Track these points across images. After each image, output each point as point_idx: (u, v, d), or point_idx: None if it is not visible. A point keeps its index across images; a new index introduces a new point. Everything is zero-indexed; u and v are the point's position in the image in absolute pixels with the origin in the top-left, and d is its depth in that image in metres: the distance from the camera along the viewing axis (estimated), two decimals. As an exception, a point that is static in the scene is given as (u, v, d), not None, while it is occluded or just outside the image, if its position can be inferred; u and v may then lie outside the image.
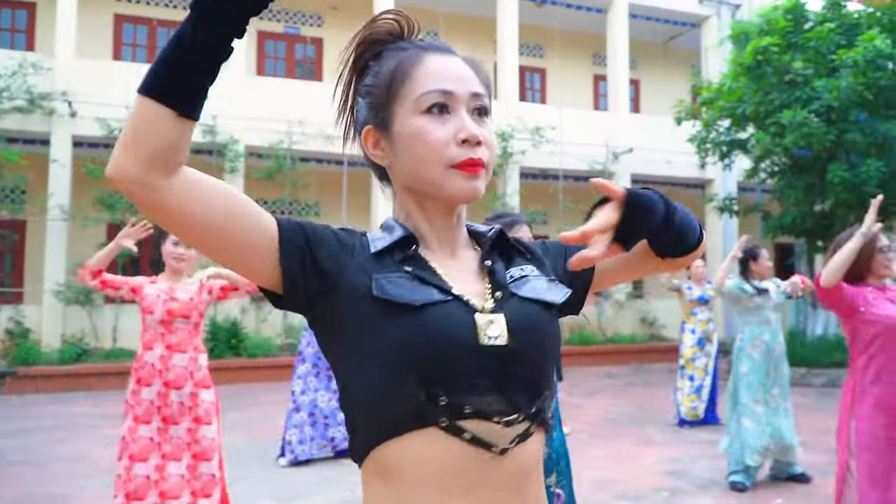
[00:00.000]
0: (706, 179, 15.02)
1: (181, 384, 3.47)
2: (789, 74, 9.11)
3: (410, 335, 0.89)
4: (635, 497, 4.77)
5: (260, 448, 6.07)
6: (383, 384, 0.90)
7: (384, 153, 1.02)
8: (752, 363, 5.03)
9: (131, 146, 0.82)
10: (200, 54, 0.81)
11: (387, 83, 0.99)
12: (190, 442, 3.43)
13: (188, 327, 3.55)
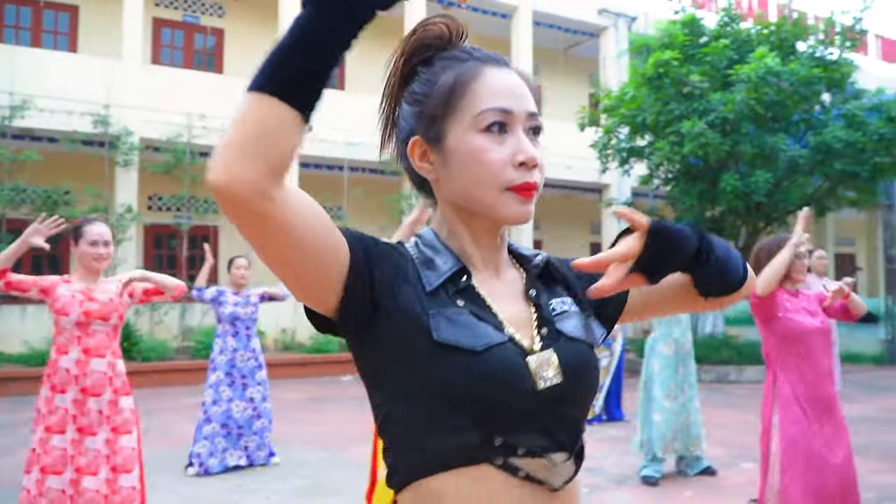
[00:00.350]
0: (603, 184, 15.55)
1: (100, 391, 3.23)
2: (687, 87, 9.59)
3: (470, 378, 0.87)
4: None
5: (164, 458, 5.74)
6: (435, 421, 0.88)
7: (432, 167, 0.98)
8: (664, 360, 5.24)
9: (252, 151, 0.73)
10: (326, 50, 0.74)
11: (444, 95, 0.95)
12: (108, 454, 3.20)
13: (107, 330, 3.31)
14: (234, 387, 5.47)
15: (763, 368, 9.92)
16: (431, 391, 0.87)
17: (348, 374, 11.11)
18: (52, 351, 3.28)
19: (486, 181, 0.92)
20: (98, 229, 3.35)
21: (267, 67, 0.74)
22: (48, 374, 3.23)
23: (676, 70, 9.49)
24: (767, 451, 3.32)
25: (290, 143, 0.75)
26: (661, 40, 10.15)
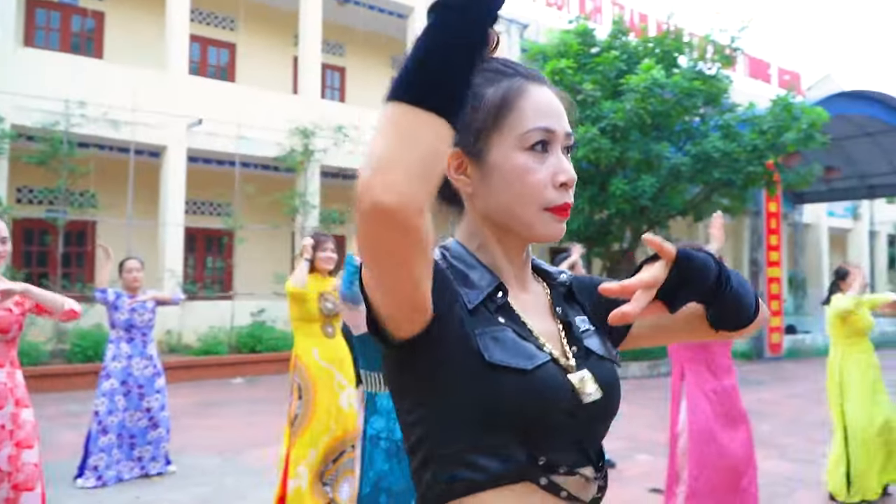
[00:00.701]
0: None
1: (2, 404, 2.98)
2: (581, 94, 9.94)
3: (520, 398, 0.87)
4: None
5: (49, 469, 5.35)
6: (483, 440, 0.87)
7: (469, 180, 0.96)
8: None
9: (420, 172, 0.70)
10: (467, 56, 0.72)
11: (491, 111, 0.94)
12: (11, 471, 2.94)
13: (5, 341, 3.06)
14: (130, 396, 5.19)
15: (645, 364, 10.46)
16: (480, 411, 0.86)
17: (238, 376, 10.77)
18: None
19: (527, 200, 0.93)
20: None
21: (428, 80, 0.71)
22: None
23: (571, 78, 9.82)
24: (676, 441, 3.50)
25: (446, 155, 0.73)
26: (556, 48, 10.46)
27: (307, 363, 4.27)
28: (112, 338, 5.26)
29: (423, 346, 0.86)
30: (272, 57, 14.76)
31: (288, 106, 12.67)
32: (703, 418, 3.40)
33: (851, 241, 25.69)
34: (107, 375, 5.15)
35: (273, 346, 11.36)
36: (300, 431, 4.18)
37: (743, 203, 12.03)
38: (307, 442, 4.16)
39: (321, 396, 4.23)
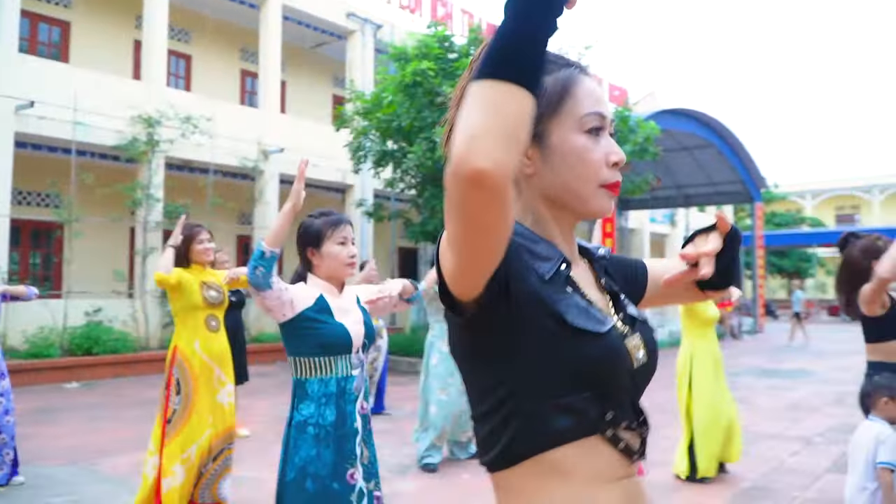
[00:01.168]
0: (347, 185, 15.80)
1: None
2: (440, 97, 10.17)
3: (595, 359, 0.96)
4: (345, 489, 4.92)
5: None
6: (562, 398, 0.95)
7: (530, 162, 1.04)
8: (441, 355, 5.55)
9: (509, 139, 0.75)
10: (545, 31, 0.78)
11: (551, 98, 1.02)
12: None
13: None
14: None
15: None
16: (560, 371, 0.94)
17: (73, 381, 9.98)
18: None
19: (586, 177, 1.02)
20: None
21: (510, 57, 0.77)
22: None
23: (431, 80, 10.03)
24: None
25: (529, 125, 0.79)
26: (418, 50, 10.64)
27: (188, 357, 4.10)
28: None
29: (501, 309, 0.93)
30: (110, 38, 13.78)
31: (130, 92, 11.89)
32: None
33: (669, 244, 28.14)
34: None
35: (112, 347, 10.61)
36: (178, 428, 4.00)
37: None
38: (185, 440, 3.99)
39: (201, 392, 4.08)
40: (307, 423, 2.36)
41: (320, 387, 2.40)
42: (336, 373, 2.43)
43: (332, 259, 2.54)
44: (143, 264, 11.66)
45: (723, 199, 23.41)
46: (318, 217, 2.59)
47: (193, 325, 4.15)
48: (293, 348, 2.45)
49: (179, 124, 11.90)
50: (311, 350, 2.42)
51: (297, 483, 2.31)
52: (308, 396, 2.40)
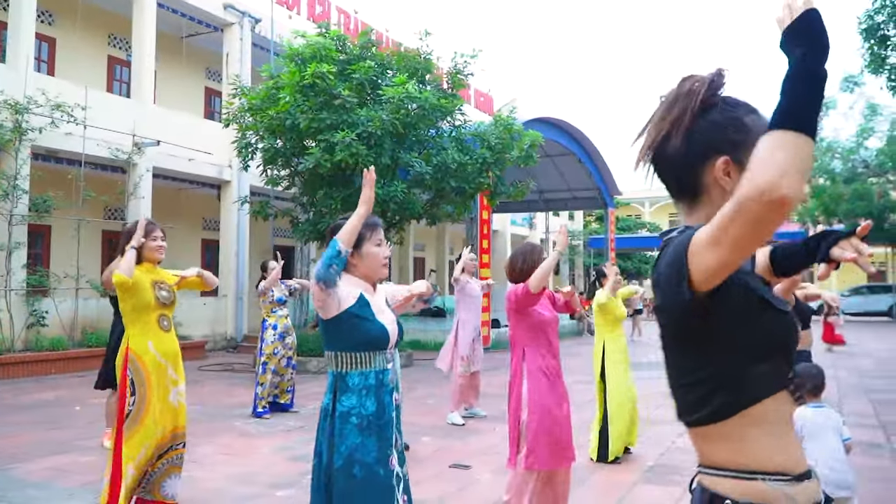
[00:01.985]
0: (223, 181, 15.40)
1: None
2: (338, 99, 10.27)
3: (785, 331, 1.32)
4: (288, 484, 5.03)
5: None
6: (767, 362, 1.29)
7: (730, 180, 1.33)
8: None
9: (801, 174, 1.07)
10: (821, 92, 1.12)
11: (752, 132, 1.31)
12: None
13: None
14: None
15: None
16: (763, 342, 1.28)
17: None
18: None
19: None
20: None
21: (809, 119, 1.10)
22: None
23: (329, 82, 10.11)
24: (518, 415, 4.10)
25: None
26: (315, 51, 10.65)
27: (142, 357, 4.06)
28: None
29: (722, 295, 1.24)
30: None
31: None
32: (542, 392, 4.05)
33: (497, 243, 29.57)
34: None
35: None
36: (133, 429, 3.97)
37: (466, 210, 13.38)
38: (140, 440, 3.97)
39: (154, 392, 4.06)
40: (350, 413, 2.55)
41: (360, 379, 2.60)
42: (374, 366, 2.63)
43: (372, 259, 2.73)
44: (9, 261, 10.81)
45: (579, 204, 24.99)
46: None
47: (145, 324, 4.11)
48: (335, 343, 2.62)
49: (49, 112, 11.16)
50: (354, 346, 2.60)
51: (346, 470, 2.50)
52: (349, 389, 2.58)
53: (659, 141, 1.38)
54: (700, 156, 1.35)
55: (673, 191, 1.43)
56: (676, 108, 1.36)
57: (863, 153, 26.64)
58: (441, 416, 7.43)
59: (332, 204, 10.70)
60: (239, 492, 4.83)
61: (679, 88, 1.38)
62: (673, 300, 1.28)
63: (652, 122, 1.40)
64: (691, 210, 1.39)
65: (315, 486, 2.62)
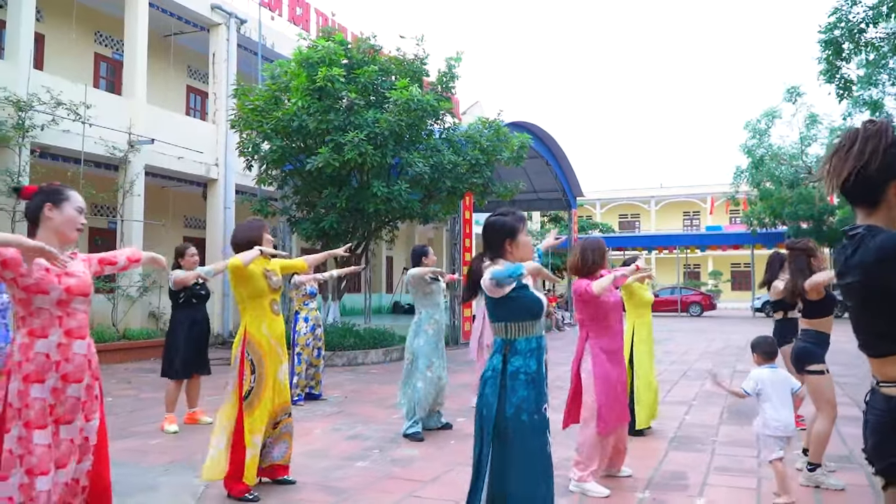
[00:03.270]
0: (210, 179, 15.60)
1: (80, 377, 2.91)
2: (346, 102, 10.72)
3: None
4: (359, 457, 5.51)
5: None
6: None
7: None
8: (427, 338, 6.30)
9: None
10: None
11: None
12: (81, 442, 2.92)
13: (85, 308, 2.97)
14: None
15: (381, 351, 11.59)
16: None
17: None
18: (19, 336, 2.81)
19: None
20: (81, 198, 3.02)
21: None
22: (19, 362, 2.77)
23: (342, 86, 10.56)
24: (579, 388, 4.73)
25: None
26: (321, 56, 11.07)
27: (258, 339, 4.53)
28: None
29: None
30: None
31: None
32: (605, 371, 4.69)
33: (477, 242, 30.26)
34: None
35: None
36: (256, 403, 4.44)
37: (454, 209, 13.97)
38: (261, 413, 4.45)
39: (270, 370, 4.54)
40: (519, 371, 3.10)
41: (526, 344, 3.16)
42: (535, 333, 3.19)
43: (525, 247, 3.29)
44: (11, 257, 10.87)
45: (543, 205, 25.82)
46: (506, 215, 3.32)
47: (261, 309, 4.58)
48: (505, 315, 3.17)
49: (51, 109, 11.27)
50: (521, 316, 3.16)
51: (516, 416, 3.05)
52: (518, 352, 3.14)
53: (860, 166, 1.97)
54: (884, 179, 1.92)
55: (857, 200, 1.99)
56: (870, 144, 1.94)
57: (805, 160, 28.25)
58: (463, 400, 7.96)
59: (338, 203, 11.13)
60: (320, 465, 5.28)
61: (865, 131, 1.97)
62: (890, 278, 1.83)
63: (851, 154, 1.96)
64: (869, 215, 1.97)
65: (479, 434, 3.16)
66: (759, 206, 29.31)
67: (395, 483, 4.79)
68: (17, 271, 2.77)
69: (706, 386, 5.73)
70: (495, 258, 3.30)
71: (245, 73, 16.73)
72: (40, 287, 2.80)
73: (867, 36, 12.48)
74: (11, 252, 2.75)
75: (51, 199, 2.94)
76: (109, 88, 15.09)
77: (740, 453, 5.66)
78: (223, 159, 15.64)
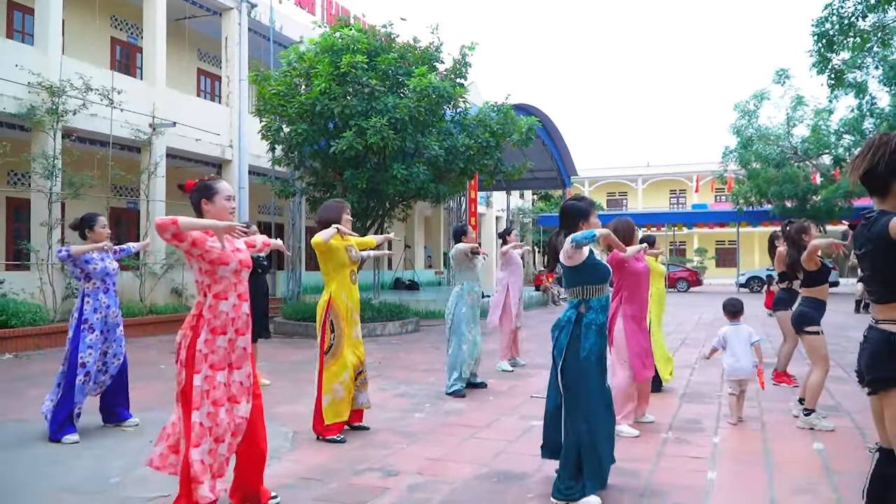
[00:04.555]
0: (225, 160, 16.17)
1: (245, 331, 3.62)
2: (368, 88, 11.35)
3: None
4: (415, 410, 6.25)
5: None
6: None
7: None
8: (468, 307, 7.06)
9: None
10: None
11: None
12: (249, 385, 3.63)
13: (246, 277, 3.66)
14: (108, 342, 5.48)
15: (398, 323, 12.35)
16: None
17: (4, 352, 9.87)
18: (206, 299, 3.48)
19: None
20: (228, 185, 3.71)
21: None
22: (208, 318, 3.45)
23: (364, 72, 11.19)
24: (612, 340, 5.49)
25: None
26: (346, 43, 11.66)
27: (339, 305, 5.26)
28: (89, 291, 5.37)
29: None
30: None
31: (26, 58, 11.55)
32: (634, 330, 5.46)
33: (485, 222, 31.07)
34: (90, 328, 5.30)
35: (30, 319, 10.48)
36: (335, 357, 5.18)
37: (462, 189, 14.68)
38: (340, 367, 5.19)
39: (347, 330, 5.27)
40: (592, 323, 3.86)
41: (597, 302, 3.91)
42: (605, 293, 3.96)
43: (595, 223, 4.03)
44: (50, 236, 11.48)
45: (539, 184, 26.58)
46: (580, 201, 4.07)
47: (343, 279, 5.30)
48: (581, 280, 3.90)
49: (82, 94, 11.79)
50: (594, 280, 3.92)
51: (588, 359, 3.80)
52: (591, 308, 3.89)
53: (875, 163, 2.70)
54: (890, 176, 2.65)
55: (872, 191, 2.72)
56: (880, 150, 2.66)
57: (791, 140, 29.15)
58: (491, 364, 8.71)
59: (359, 184, 11.79)
60: (383, 416, 6.01)
61: (879, 140, 2.70)
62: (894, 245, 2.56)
63: (867, 157, 2.67)
64: (881, 202, 2.69)
65: (554, 380, 3.93)
66: (746, 185, 30.22)
67: (454, 428, 5.56)
68: (203, 248, 3.45)
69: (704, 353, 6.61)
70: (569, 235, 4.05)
71: (255, 56, 17.23)
72: (223, 259, 3.49)
73: (858, 27, 13.22)
74: (197, 234, 3.43)
75: (204, 194, 3.62)
76: (125, 72, 15.56)
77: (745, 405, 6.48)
78: (237, 141, 16.21)
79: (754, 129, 29.27)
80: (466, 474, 4.32)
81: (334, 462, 4.59)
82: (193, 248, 3.45)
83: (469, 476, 4.28)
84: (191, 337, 3.47)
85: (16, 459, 4.64)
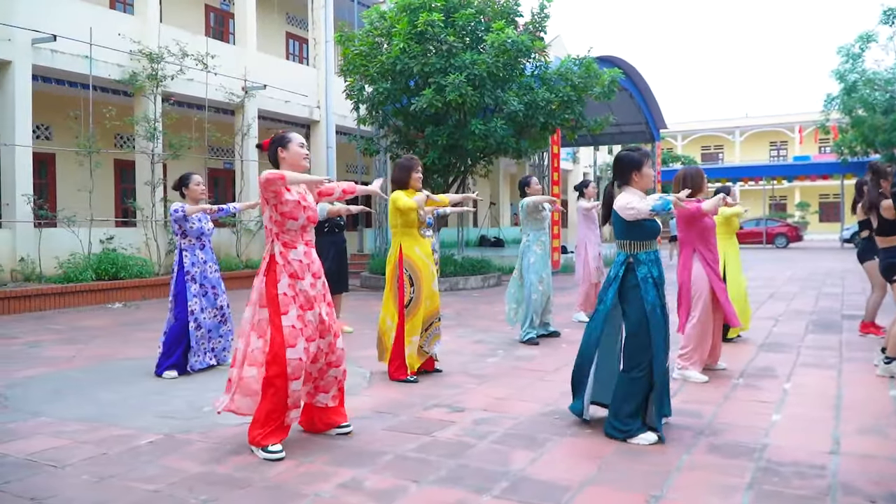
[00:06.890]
0: (313, 120, 16.70)
1: (320, 274, 3.91)
2: (446, 45, 11.45)
3: None
4: (481, 355, 6.49)
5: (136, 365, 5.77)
6: None
7: None
8: (537, 257, 7.19)
9: None
10: None
11: None
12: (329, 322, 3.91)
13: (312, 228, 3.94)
14: (207, 296, 5.88)
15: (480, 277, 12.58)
16: None
17: (114, 302, 10.73)
18: (276, 245, 3.77)
19: None
20: (299, 135, 3.97)
21: None
22: (282, 265, 3.74)
23: (441, 30, 11.28)
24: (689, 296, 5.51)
25: None
26: (424, 1, 11.78)
27: (413, 258, 5.50)
28: (186, 246, 5.82)
29: None
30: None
31: (128, 27, 12.26)
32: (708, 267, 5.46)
33: (571, 179, 30.74)
34: (192, 279, 5.76)
35: (137, 272, 11.33)
36: (414, 311, 5.44)
37: (545, 144, 14.63)
38: (420, 318, 5.44)
39: (426, 283, 5.51)
40: (648, 277, 3.94)
41: (647, 256, 3.98)
42: (653, 248, 4.02)
43: (647, 178, 4.09)
44: (153, 195, 12.29)
45: (626, 138, 25.92)
46: (634, 151, 4.11)
47: (413, 235, 5.53)
48: (634, 235, 3.98)
49: (178, 60, 12.43)
50: (646, 236, 3.99)
51: (652, 311, 3.89)
52: (642, 262, 3.97)
53: None
54: None
55: None
56: None
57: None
58: (568, 315, 8.84)
59: (439, 140, 11.98)
60: (458, 360, 6.27)
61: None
62: None
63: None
64: None
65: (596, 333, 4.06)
66: (851, 134, 28.56)
67: (523, 372, 5.76)
68: (281, 199, 3.73)
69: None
70: (623, 185, 4.11)
71: (340, 18, 17.56)
72: (292, 214, 3.77)
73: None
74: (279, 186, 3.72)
75: (280, 144, 3.89)
76: (218, 37, 16.22)
77: (824, 354, 6.38)
78: (324, 102, 16.68)
79: (859, 73, 27.47)
80: (530, 411, 4.53)
81: (406, 398, 4.89)
82: (267, 193, 3.74)
83: (533, 413, 4.49)
84: (267, 280, 3.78)
85: (127, 390, 5.17)
